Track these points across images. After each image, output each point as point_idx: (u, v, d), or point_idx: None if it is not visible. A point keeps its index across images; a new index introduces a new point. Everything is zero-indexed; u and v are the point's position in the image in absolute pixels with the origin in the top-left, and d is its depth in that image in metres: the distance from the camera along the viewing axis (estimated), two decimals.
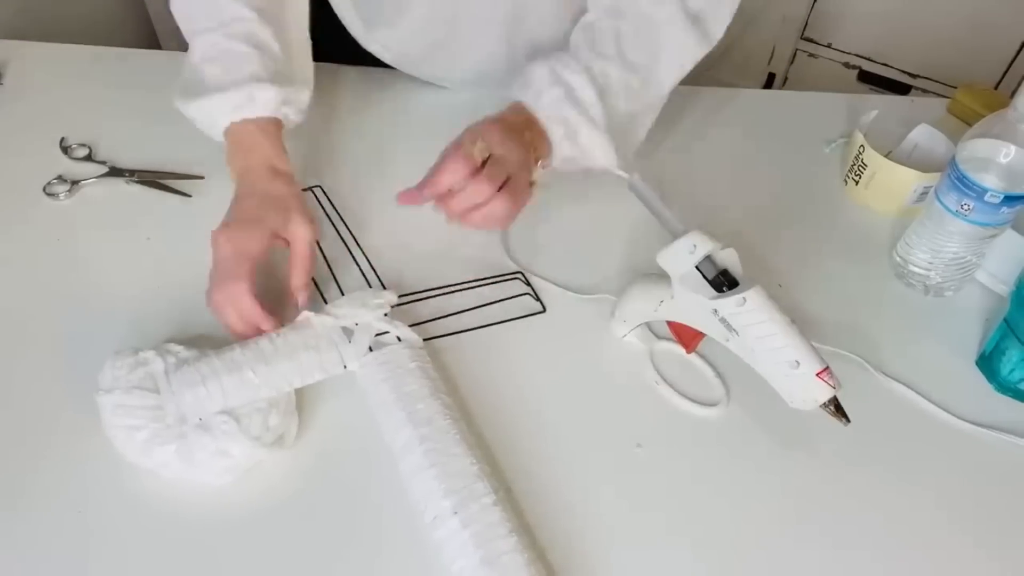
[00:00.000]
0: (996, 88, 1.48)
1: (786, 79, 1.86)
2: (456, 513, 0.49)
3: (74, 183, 0.72)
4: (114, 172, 0.73)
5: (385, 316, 0.60)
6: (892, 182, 0.79)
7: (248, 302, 0.57)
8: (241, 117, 0.62)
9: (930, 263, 0.71)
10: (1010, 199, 0.63)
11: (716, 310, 0.54)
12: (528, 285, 0.68)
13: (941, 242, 0.69)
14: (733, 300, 0.53)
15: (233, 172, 0.63)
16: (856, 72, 1.77)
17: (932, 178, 0.76)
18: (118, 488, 0.52)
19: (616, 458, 0.57)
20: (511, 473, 0.55)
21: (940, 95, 1.13)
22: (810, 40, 1.79)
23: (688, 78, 0.72)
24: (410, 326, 0.61)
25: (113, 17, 1.51)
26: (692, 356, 0.64)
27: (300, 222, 0.60)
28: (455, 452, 0.52)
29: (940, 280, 0.71)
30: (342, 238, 0.70)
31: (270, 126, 0.63)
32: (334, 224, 0.71)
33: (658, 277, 0.59)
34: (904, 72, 1.71)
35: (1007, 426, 0.62)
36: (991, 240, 0.68)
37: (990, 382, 0.66)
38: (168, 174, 0.73)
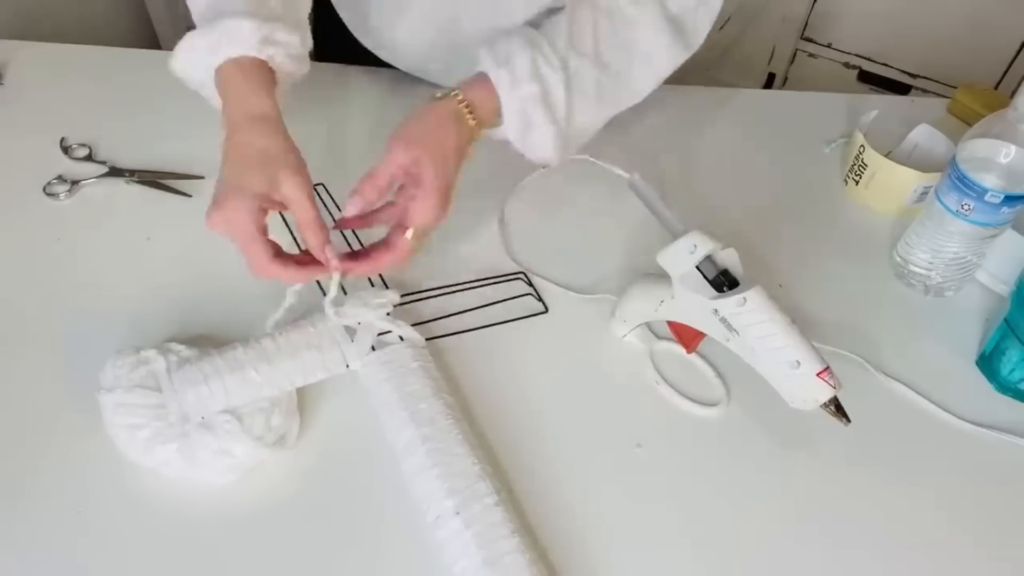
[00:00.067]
0: (996, 88, 1.48)
1: (786, 79, 1.86)
2: (458, 513, 0.49)
3: (74, 183, 0.72)
4: (114, 172, 0.73)
5: (388, 315, 0.60)
6: (892, 182, 0.79)
7: (286, 272, 0.54)
8: (222, 58, 0.55)
9: (930, 263, 0.71)
10: (1010, 199, 0.63)
11: (716, 310, 0.54)
12: (530, 285, 0.68)
13: (941, 242, 0.69)
14: (733, 300, 0.53)
15: (224, 117, 0.56)
16: (856, 72, 1.77)
17: (932, 178, 0.76)
18: (119, 488, 0.52)
19: (616, 458, 0.57)
20: (512, 473, 0.55)
21: (940, 95, 1.13)
22: (810, 40, 1.79)
23: (688, 78, 0.72)
24: (412, 325, 0.61)
25: (113, 17, 1.51)
26: (692, 356, 0.64)
27: (290, 181, 0.53)
28: (457, 452, 0.52)
29: (940, 280, 0.71)
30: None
31: (253, 69, 0.56)
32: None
33: (658, 277, 0.59)
34: (904, 72, 1.71)
35: (1007, 426, 0.62)
36: (991, 240, 0.68)
37: (990, 382, 0.66)
38: (168, 174, 0.73)
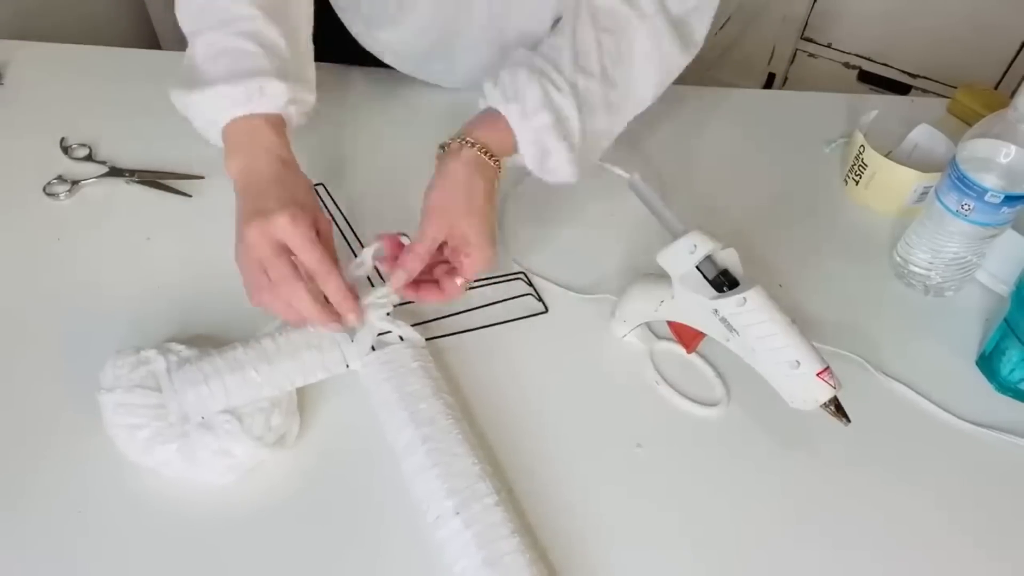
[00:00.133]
0: (996, 88, 1.48)
1: (786, 79, 1.86)
2: (458, 513, 0.49)
3: (74, 183, 0.72)
4: (114, 172, 0.73)
5: (388, 315, 0.60)
6: (892, 182, 0.79)
7: (310, 305, 0.53)
8: (249, 111, 0.59)
9: (930, 263, 0.71)
10: (1010, 199, 0.63)
11: (716, 310, 0.54)
12: (530, 285, 0.68)
13: (941, 242, 0.69)
14: (733, 300, 0.53)
15: (236, 165, 0.58)
16: (856, 72, 1.77)
17: (932, 178, 0.76)
18: (119, 487, 0.52)
19: (616, 458, 0.57)
20: (512, 473, 0.55)
21: (940, 95, 1.13)
22: (810, 40, 1.79)
23: (688, 78, 0.72)
24: (412, 325, 0.61)
25: (113, 17, 1.51)
26: (692, 356, 0.64)
27: (325, 217, 0.58)
28: (457, 452, 0.52)
29: (940, 280, 0.71)
30: (344, 237, 0.70)
31: (279, 122, 0.61)
32: (336, 223, 0.71)
33: (658, 277, 0.59)
34: (904, 72, 1.71)
35: (1007, 426, 0.62)
36: (991, 240, 0.68)
37: (990, 382, 0.66)
38: (168, 174, 0.73)
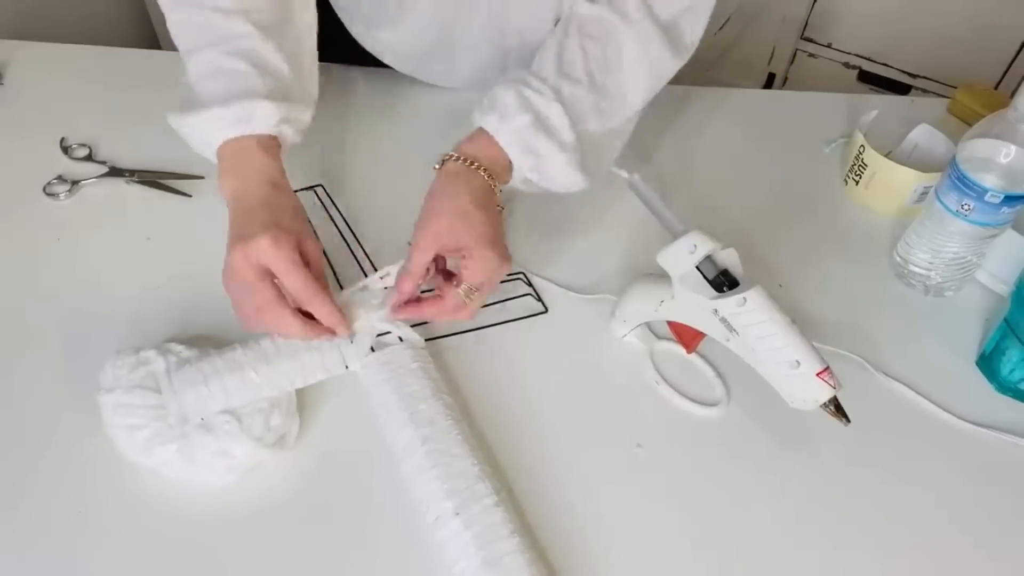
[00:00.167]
0: (996, 88, 1.48)
1: (786, 79, 1.86)
2: (458, 514, 0.49)
3: (74, 183, 0.72)
4: (114, 172, 0.73)
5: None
6: (892, 182, 0.79)
7: (298, 329, 0.54)
8: (239, 133, 0.58)
9: (930, 263, 0.71)
10: (1010, 199, 0.63)
11: (716, 310, 0.54)
12: (530, 286, 0.68)
13: (941, 242, 0.69)
14: (733, 300, 0.53)
15: (228, 186, 0.58)
16: (856, 72, 1.77)
17: (932, 178, 0.76)
18: (119, 488, 0.52)
19: (616, 458, 0.57)
20: (512, 473, 0.55)
21: (940, 95, 1.13)
22: (810, 40, 1.79)
23: (688, 78, 0.72)
24: (412, 326, 0.61)
25: (113, 17, 1.51)
26: (692, 356, 0.64)
27: (312, 240, 0.57)
28: (457, 453, 0.52)
29: (940, 280, 0.71)
30: (343, 237, 0.70)
31: (270, 143, 0.60)
32: (335, 224, 0.71)
33: (658, 277, 0.59)
34: (904, 72, 1.71)
35: (1007, 426, 0.62)
36: (991, 240, 0.68)
37: (990, 382, 0.66)
38: (168, 174, 0.73)
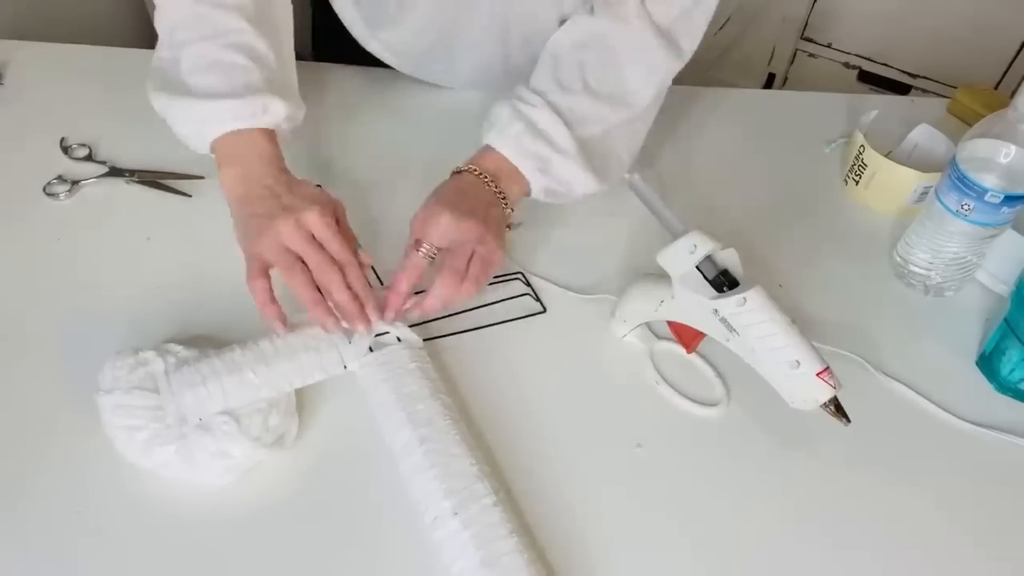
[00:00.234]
0: (996, 88, 1.48)
1: (786, 79, 1.86)
2: (456, 514, 0.49)
3: (74, 183, 0.72)
4: (114, 172, 0.73)
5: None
6: (892, 182, 0.79)
7: (342, 289, 0.56)
8: (250, 126, 0.60)
9: (930, 263, 0.71)
10: (1010, 199, 0.63)
11: (716, 310, 0.54)
12: (528, 285, 0.68)
13: (941, 242, 0.69)
14: (733, 300, 0.53)
15: (233, 174, 0.59)
16: (856, 72, 1.77)
17: (932, 178, 0.76)
18: (118, 488, 0.52)
19: (616, 458, 0.57)
20: (511, 473, 0.55)
21: (940, 95, 1.13)
22: (810, 40, 1.79)
23: (688, 78, 0.72)
24: (410, 326, 0.61)
25: (113, 17, 1.51)
26: (692, 356, 0.64)
27: (341, 206, 0.60)
28: (455, 453, 0.52)
29: (940, 280, 0.71)
30: None
31: (271, 134, 0.62)
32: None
33: (658, 277, 0.59)
34: (904, 72, 1.71)
35: (1007, 426, 0.62)
36: (991, 240, 0.68)
37: (990, 382, 0.66)
38: (168, 174, 0.73)
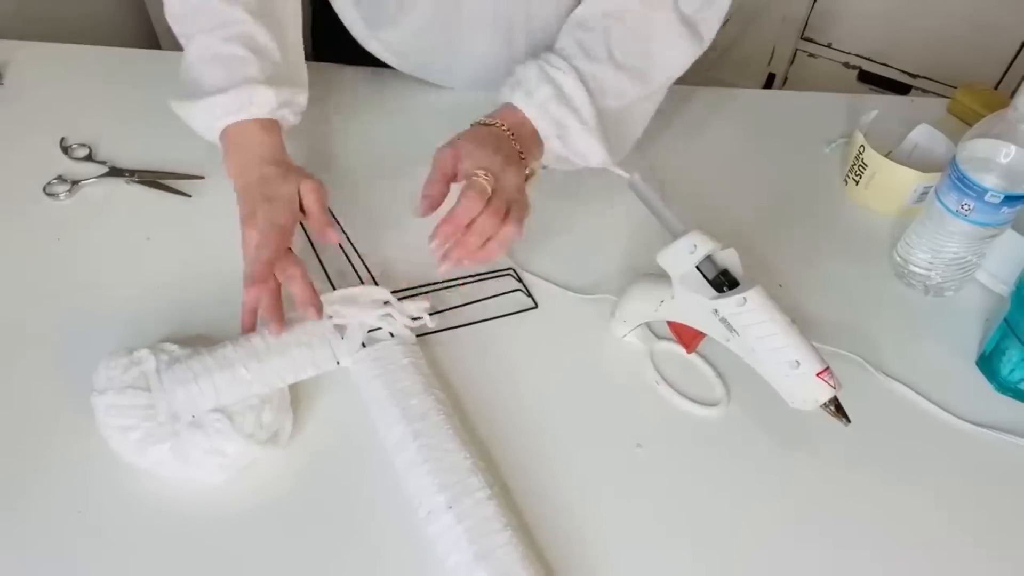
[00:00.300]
0: (996, 88, 1.48)
1: (786, 79, 1.86)
2: (450, 508, 0.49)
3: (74, 183, 0.72)
4: (114, 172, 0.73)
5: (387, 316, 0.60)
6: (892, 182, 0.79)
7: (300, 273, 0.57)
8: (239, 118, 0.62)
9: (930, 263, 0.70)
10: (1010, 199, 0.63)
11: (716, 310, 0.54)
12: (519, 281, 0.68)
13: (941, 242, 0.69)
14: (733, 300, 0.53)
15: (233, 169, 0.62)
16: (856, 72, 1.77)
17: (932, 178, 0.76)
18: (117, 487, 0.52)
19: (616, 458, 0.57)
20: (508, 471, 0.55)
21: (940, 95, 1.13)
22: (810, 40, 1.79)
23: (688, 78, 0.72)
24: (413, 319, 0.61)
25: (113, 17, 1.51)
26: (692, 356, 0.64)
27: (309, 181, 0.61)
28: (449, 447, 0.52)
29: (940, 280, 0.71)
30: (342, 237, 0.69)
31: (271, 125, 0.64)
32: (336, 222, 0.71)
33: (658, 277, 0.59)
34: (904, 72, 1.71)
35: (1007, 426, 0.62)
36: (991, 240, 0.68)
37: (990, 382, 0.66)
38: (168, 174, 0.73)
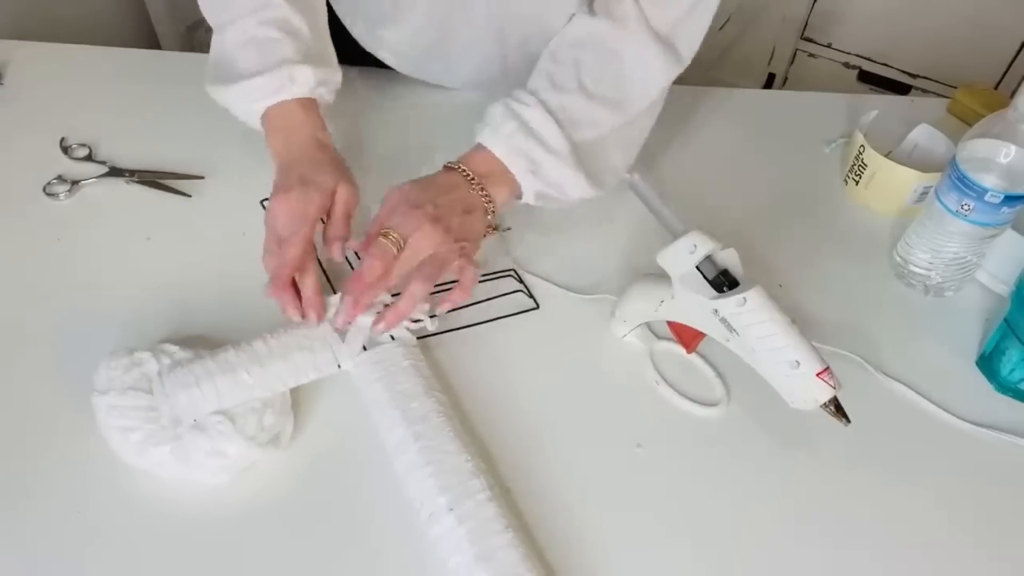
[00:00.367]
0: (996, 88, 1.48)
1: (786, 79, 1.86)
2: (451, 510, 0.49)
3: (74, 183, 0.72)
4: (114, 172, 0.73)
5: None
6: (892, 182, 0.79)
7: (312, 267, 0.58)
8: (281, 99, 0.63)
9: (930, 263, 0.70)
10: (1010, 199, 0.63)
11: (716, 310, 0.54)
12: (521, 282, 0.68)
13: (941, 242, 0.69)
14: (733, 300, 0.53)
15: (276, 147, 0.63)
16: (856, 72, 1.77)
17: (932, 178, 0.76)
18: (117, 488, 0.52)
19: (616, 458, 0.57)
20: (509, 471, 0.55)
21: (940, 95, 1.13)
22: (810, 40, 1.79)
23: (688, 78, 0.72)
24: (413, 322, 0.61)
25: (113, 17, 1.51)
26: (692, 356, 0.64)
27: (347, 185, 0.62)
28: (449, 449, 0.52)
29: (940, 280, 0.71)
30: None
31: (310, 104, 0.65)
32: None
33: (658, 277, 0.59)
34: (904, 72, 1.71)
35: (1007, 426, 0.62)
36: (991, 240, 0.68)
37: (990, 382, 0.66)
38: (168, 174, 0.73)
